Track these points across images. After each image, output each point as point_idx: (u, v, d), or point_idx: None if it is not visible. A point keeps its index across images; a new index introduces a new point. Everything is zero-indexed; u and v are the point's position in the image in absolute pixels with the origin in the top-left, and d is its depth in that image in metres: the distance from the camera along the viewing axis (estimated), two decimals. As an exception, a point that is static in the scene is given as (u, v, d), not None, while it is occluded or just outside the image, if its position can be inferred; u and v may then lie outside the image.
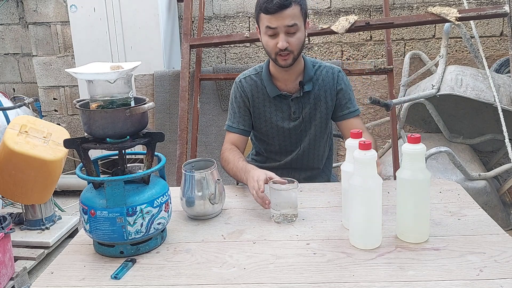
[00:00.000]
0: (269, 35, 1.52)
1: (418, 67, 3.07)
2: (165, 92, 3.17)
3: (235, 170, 1.54)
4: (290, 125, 1.66)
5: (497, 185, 2.80)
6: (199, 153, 3.04)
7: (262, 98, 1.66)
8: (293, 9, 1.47)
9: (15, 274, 2.24)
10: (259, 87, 1.67)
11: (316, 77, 1.65)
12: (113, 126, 1.12)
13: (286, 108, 1.65)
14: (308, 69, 1.64)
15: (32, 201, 2.56)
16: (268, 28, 1.50)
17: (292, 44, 1.51)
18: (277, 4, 1.45)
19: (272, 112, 1.66)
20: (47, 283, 1.07)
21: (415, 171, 1.11)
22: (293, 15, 1.48)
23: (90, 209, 1.13)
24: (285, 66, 1.55)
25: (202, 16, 3.13)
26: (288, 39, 1.50)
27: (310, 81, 1.64)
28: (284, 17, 1.47)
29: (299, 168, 1.73)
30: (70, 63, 3.58)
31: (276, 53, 1.53)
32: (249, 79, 1.69)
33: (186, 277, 1.05)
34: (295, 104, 1.64)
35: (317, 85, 1.65)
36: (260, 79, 1.67)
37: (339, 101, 1.66)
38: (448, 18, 2.45)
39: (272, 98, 1.65)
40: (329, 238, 1.19)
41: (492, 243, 1.12)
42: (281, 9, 1.46)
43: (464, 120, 2.99)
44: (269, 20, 1.49)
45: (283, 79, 1.64)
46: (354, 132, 1.21)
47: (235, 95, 1.70)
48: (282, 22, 1.47)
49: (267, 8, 1.47)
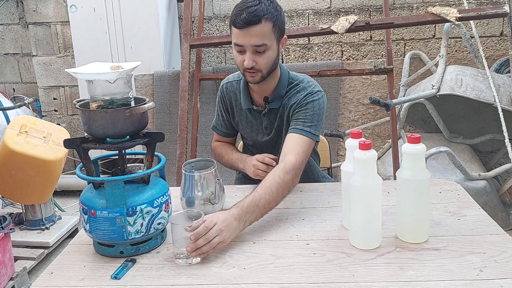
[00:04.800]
0: (237, 50, 1.43)
1: (418, 67, 3.07)
2: (165, 92, 3.17)
3: (230, 161, 1.59)
4: (263, 139, 1.62)
5: (497, 185, 2.80)
6: (199, 153, 3.04)
7: (239, 107, 1.62)
8: (263, 27, 1.35)
9: (15, 274, 2.24)
10: (237, 95, 1.61)
11: (288, 95, 1.53)
12: (113, 126, 1.12)
13: (259, 121, 1.60)
14: (281, 86, 1.53)
15: (32, 201, 2.56)
16: (236, 44, 1.41)
17: (260, 63, 1.40)
18: (244, 19, 1.34)
19: (248, 123, 1.63)
20: (47, 283, 1.07)
21: (415, 171, 1.11)
22: (262, 34, 1.36)
23: (90, 209, 1.13)
24: (252, 82, 1.47)
25: (202, 16, 3.13)
26: (256, 58, 1.39)
27: (281, 99, 1.53)
28: (252, 35, 1.36)
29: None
30: (70, 63, 3.58)
31: (244, 69, 1.44)
32: (230, 85, 1.64)
33: (186, 277, 1.05)
34: (266, 119, 1.57)
35: (287, 103, 1.53)
36: (239, 88, 1.61)
37: (295, 115, 1.49)
38: (448, 18, 2.45)
39: (246, 109, 1.59)
40: (329, 238, 1.19)
41: (492, 243, 1.12)
42: (248, 25, 1.34)
43: (464, 120, 2.99)
44: (237, 36, 1.39)
45: (258, 92, 1.56)
46: (354, 132, 1.21)
47: (219, 99, 1.67)
48: (249, 41, 1.37)
49: (235, 22, 1.37)
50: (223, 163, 1.65)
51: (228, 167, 1.65)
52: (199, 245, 1.08)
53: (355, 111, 3.17)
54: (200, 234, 1.09)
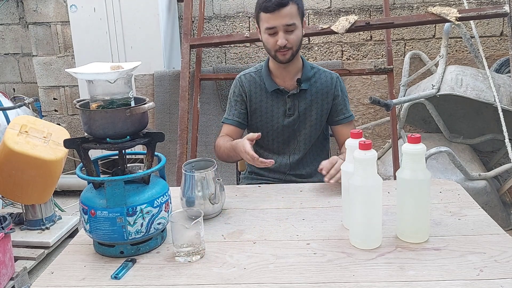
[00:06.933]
0: (269, 33, 1.60)
1: (418, 67, 3.07)
2: (165, 92, 3.17)
3: (226, 151, 1.64)
4: (284, 122, 1.71)
5: (497, 185, 2.80)
6: (199, 153, 3.04)
7: (259, 94, 1.73)
8: (291, 8, 1.56)
9: (15, 274, 2.24)
10: (257, 83, 1.74)
11: (314, 78, 1.72)
12: (113, 126, 1.12)
13: (282, 103, 1.71)
14: (307, 69, 1.72)
15: (32, 201, 2.56)
16: (268, 28, 1.59)
17: (291, 41, 1.60)
18: (275, 2, 1.54)
19: (268, 108, 1.72)
20: (47, 283, 1.07)
21: (415, 171, 1.11)
22: (291, 14, 1.57)
23: (90, 209, 1.13)
24: (284, 61, 1.63)
25: (202, 16, 3.13)
26: (287, 36, 1.59)
27: (308, 80, 1.70)
28: (283, 16, 1.56)
29: (294, 168, 1.75)
30: (70, 63, 3.58)
31: (276, 50, 1.61)
32: (248, 75, 1.77)
33: (186, 277, 1.05)
34: (291, 101, 1.70)
35: (314, 87, 1.71)
36: (259, 76, 1.75)
37: (335, 106, 1.73)
38: (448, 18, 2.45)
39: (270, 93, 1.71)
40: (329, 238, 1.19)
41: (492, 243, 1.12)
42: (279, 7, 1.55)
43: (464, 120, 2.99)
44: (268, 20, 1.58)
45: (281, 76, 1.71)
46: (354, 132, 1.21)
47: (234, 90, 1.78)
48: (281, 21, 1.56)
49: (266, 7, 1.56)
50: (221, 156, 1.70)
51: (226, 160, 1.71)
52: (333, 174, 1.42)
53: (355, 111, 3.17)
54: (329, 168, 1.44)
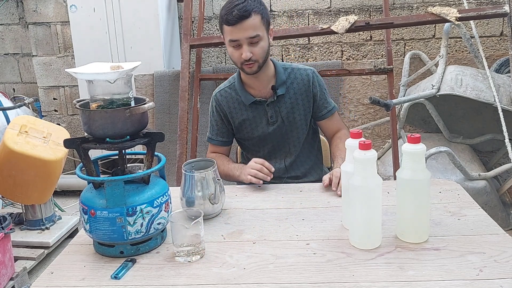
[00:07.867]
0: (233, 46, 1.56)
1: (418, 67, 3.06)
2: (165, 92, 3.17)
3: (226, 170, 1.65)
4: (269, 130, 1.70)
5: (497, 185, 2.79)
6: (199, 153, 3.03)
7: (239, 108, 1.71)
8: (253, 19, 1.50)
9: (15, 274, 2.24)
10: (234, 98, 1.71)
11: (290, 80, 1.69)
12: (113, 126, 1.12)
13: (263, 113, 1.69)
14: (280, 73, 1.67)
15: (32, 201, 2.56)
16: (231, 41, 1.54)
17: (256, 53, 1.55)
18: (236, 15, 1.49)
19: (251, 119, 1.70)
20: (47, 283, 1.07)
21: (415, 171, 1.11)
22: (254, 26, 1.51)
23: (90, 209, 1.13)
24: (251, 73, 1.59)
25: (202, 16, 3.13)
26: (252, 49, 1.54)
27: (284, 84, 1.67)
28: (245, 28, 1.50)
29: (290, 171, 1.76)
30: (70, 63, 3.58)
31: (242, 63, 1.57)
32: (223, 92, 1.73)
33: (186, 277, 1.05)
34: (271, 109, 1.68)
35: (292, 89, 1.69)
36: (234, 90, 1.71)
37: (316, 103, 1.71)
38: (448, 18, 2.45)
39: (248, 105, 1.69)
40: (329, 238, 1.20)
41: (492, 243, 1.12)
42: (241, 20, 1.49)
43: (464, 120, 2.99)
44: (231, 33, 1.53)
45: (255, 86, 1.68)
46: (354, 132, 1.21)
47: (212, 110, 1.76)
48: (244, 34, 1.51)
49: (228, 20, 1.51)
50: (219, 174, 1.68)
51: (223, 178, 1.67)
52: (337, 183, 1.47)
53: (355, 111, 3.17)
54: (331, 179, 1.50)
